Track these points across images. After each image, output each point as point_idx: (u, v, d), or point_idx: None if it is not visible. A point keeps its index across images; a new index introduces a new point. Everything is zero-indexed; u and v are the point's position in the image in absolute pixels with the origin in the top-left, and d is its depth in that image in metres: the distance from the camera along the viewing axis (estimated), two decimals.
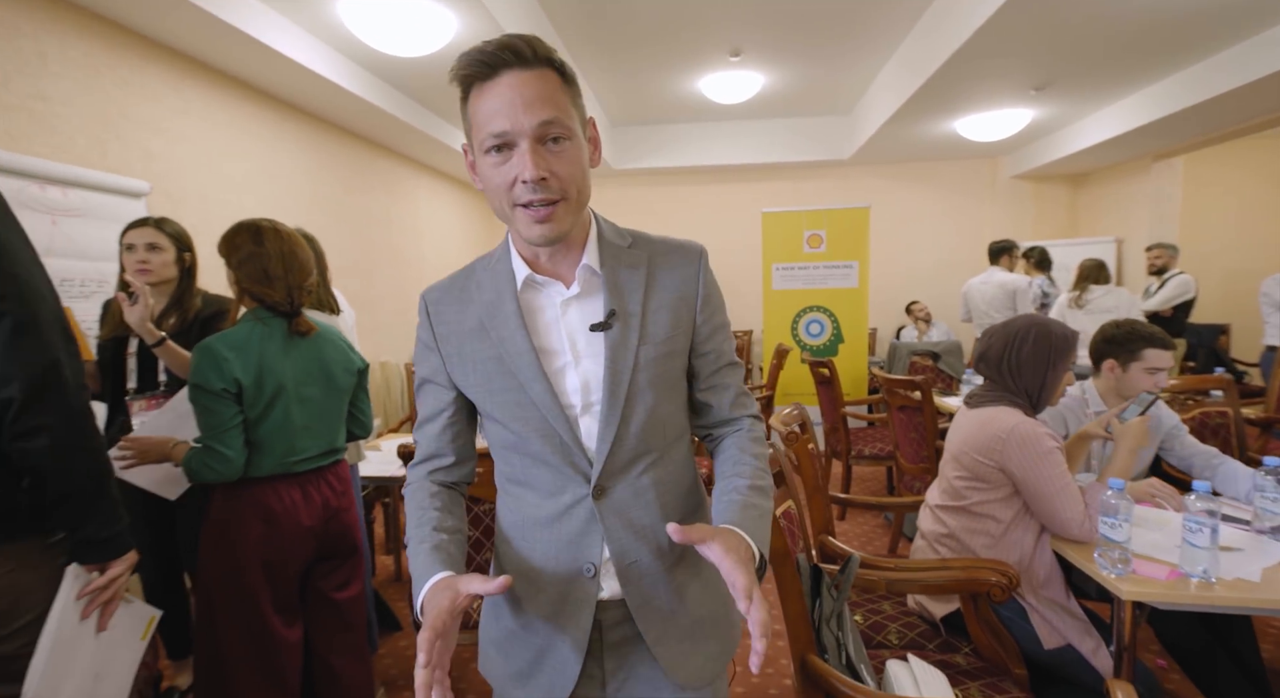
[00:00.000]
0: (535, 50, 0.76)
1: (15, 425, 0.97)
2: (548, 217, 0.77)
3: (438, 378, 0.91)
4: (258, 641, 1.51)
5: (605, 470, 0.84)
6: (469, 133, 0.80)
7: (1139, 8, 3.10)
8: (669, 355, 0.87)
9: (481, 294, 0.87)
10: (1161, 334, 1.96)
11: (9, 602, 1.03)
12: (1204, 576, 1.39)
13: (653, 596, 0.87)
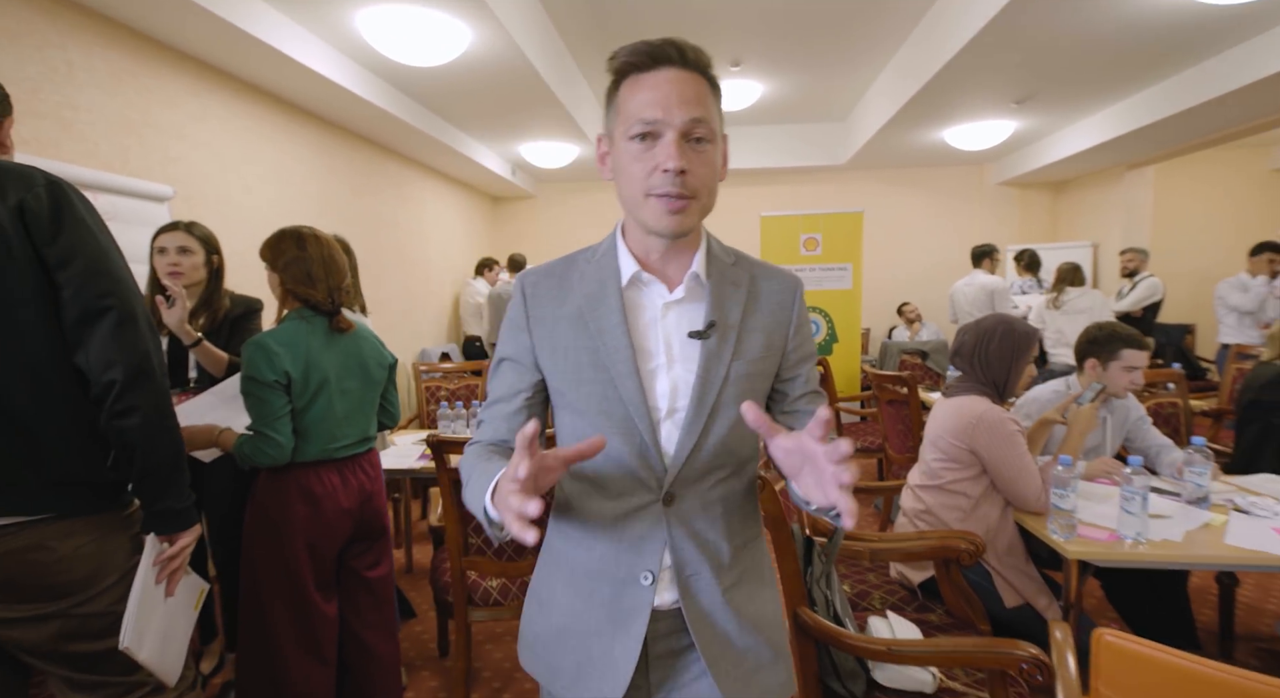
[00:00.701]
0: (697, 56, 0.79)
1: (115, 405, 1.12)
2: (680, 209, 0.78)
3: (523, 358, 0.89)
4: (300, 614, 1.67)
5: (679, 478, 0.84)
6: (612, 120, 0.82)
7: (1110, 31, 3.31)
8: (757, 375, 0.87)
9: (584, 285, 0.87)
10: (1138, 336, 2.16)
11: (97, 565, 1.17)
12: (1137, 537, 1.59)
13: (710, 612, 0.86)
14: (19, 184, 1.06)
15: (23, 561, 1.08)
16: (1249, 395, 2.25)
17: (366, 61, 3.72)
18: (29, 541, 1.08)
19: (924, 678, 1.44)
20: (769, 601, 0.93)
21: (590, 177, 7.33)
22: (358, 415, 1.75)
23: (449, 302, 6.49)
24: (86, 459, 1.14)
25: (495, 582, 2.01)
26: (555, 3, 3.82)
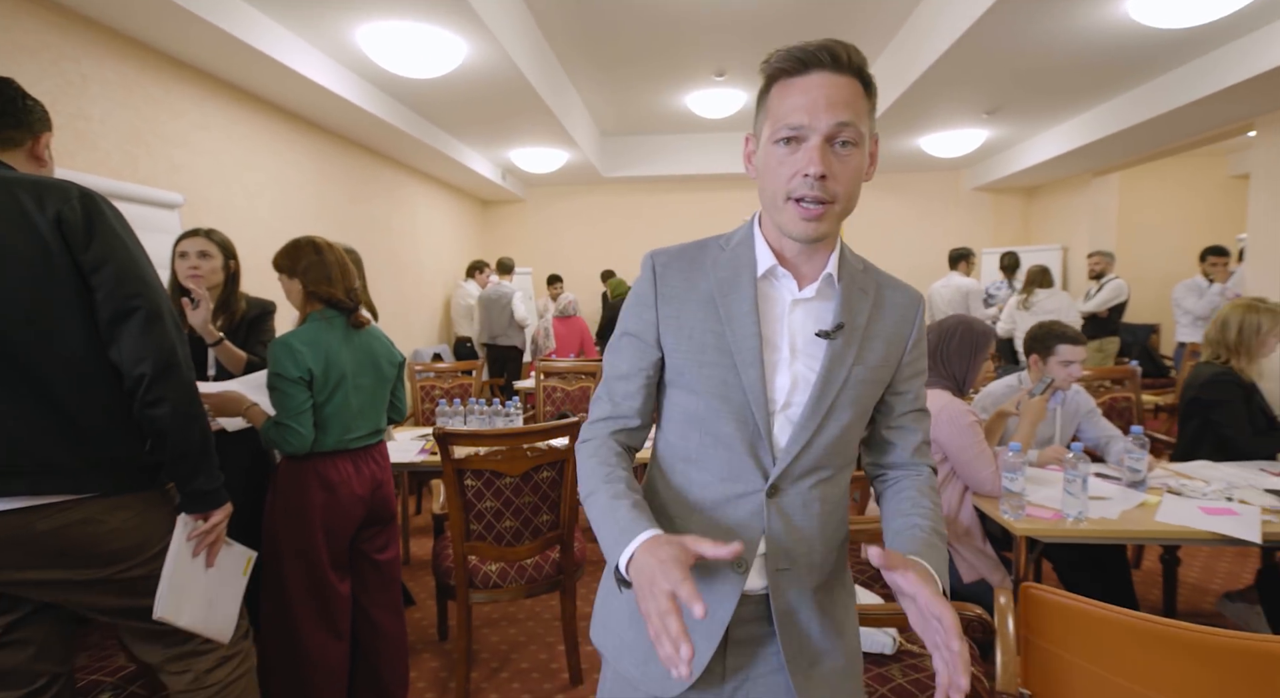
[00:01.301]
0: (850, 57, 0.78)
1: (146, 396, 1.25)
2: (817, 216, 0.79)
3: (646, 335, 0.90)
4: (317, 590, 1.80)
5: (786, 472, 0.85)
6: (761, 121, 0.83)
7: (1069, 50, 3.52)
8: (872, 383, 0.88)
9: (717, 270, 0.88)
10: (1074, 333, 2.35)
11: (144, 536, 1.31)
12: (1078, 516, 1.78)
13: (796, 608, 0.87)
14: (56, 197, 1.19)
15: (77, 532, 1.21)
16: (1189, 393, 2.45)
17: (365, 72, 3.85)
18: (80, 515, 1.22)
19: (884, 640, 1.61)
20: (849, 607, 0.94)
21: (579, 180, 7.48)
22: (370, 409, 1.89)
23: (440, 303, 6.60)
24: (126, 443, 1.28)
25: (494, 566, 2.15)
26: (546, 15, 3.97)
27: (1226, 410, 2.33)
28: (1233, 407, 2.33)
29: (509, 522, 2.19)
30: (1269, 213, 4.01)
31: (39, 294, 1.16)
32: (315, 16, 3.08)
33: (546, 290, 6.75)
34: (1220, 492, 2.00)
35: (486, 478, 2.07)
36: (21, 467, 1.14)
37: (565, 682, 2.26)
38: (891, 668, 1.57)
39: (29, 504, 1.15)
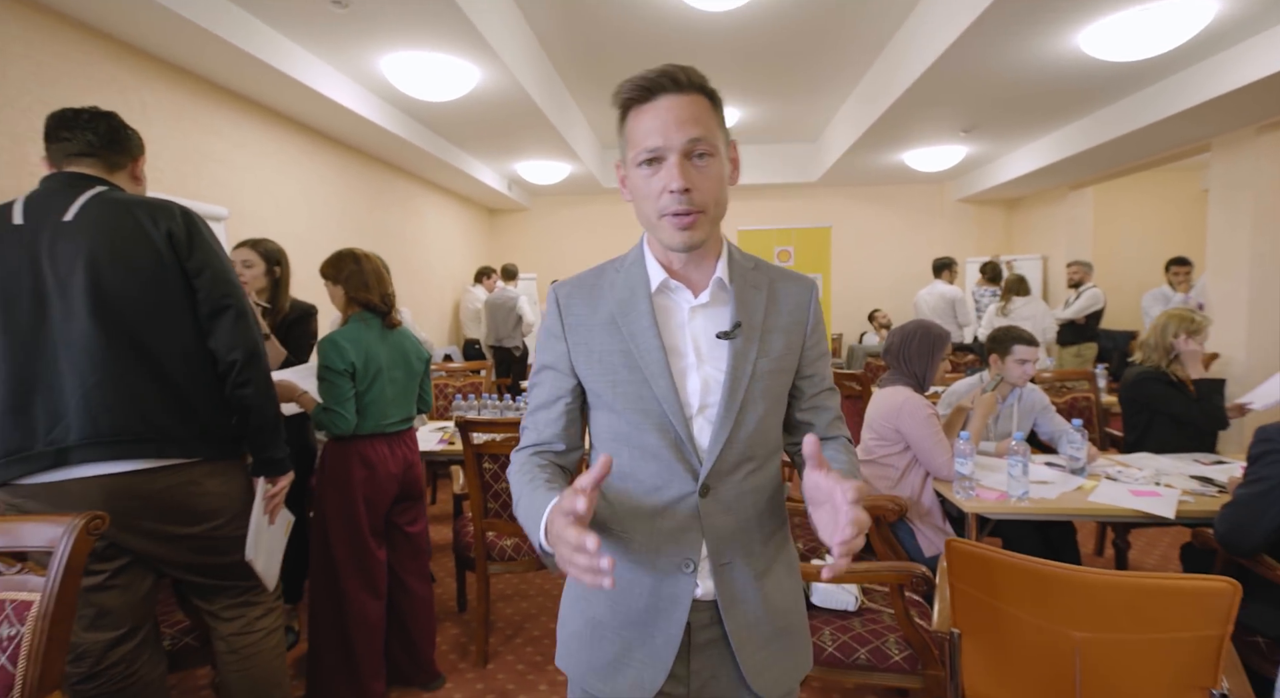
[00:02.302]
0: (689, 77, 0.84)
1: (237, 378, 1.52)
2: (689, 225, 0.84)
3: (560, 365, 0.95)
4: (359, 555, 2.08)
5: (714, 471, 0.88)
6: (624, 149, 0.89)
7: (1033, 76, 3.81)
8: (779, 372, 0.93)
9: (615, 292, 0.92)
10: (1028, 335, 2.63)
11: (228, 501, 1.58)
12: (1021, 497, 2.05)
13: (742, 599, 0.91)
14: (165, 216, 1.47)
15: (184, 491, 1.48)
16: (1126, 393, 2.72)
17: (386, 95, 4.14)
18: (186, 478, 1.49)
19: (847, 598, 1.88)
20: (793, 588, 0.98)
21: (581, 191, 7.77)
22: (402, 399, 2.17)
23: (449, 307, 6.88)
24: (220, 418, 1.55)
25: (510, 541, 2.42)
26: (550, 38, 4.26)
27: (1161, 400, 2.60)
28: (1163, 395, 2.59)
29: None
30: (1226, 226, 4.31)
31: (156, 295, 1.44)
32: (345, 47, 3.38)
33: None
34: (1150, 477, 2.28)
35: (502, 461, 2.34)
36: (149, 435, 1.42)
37: None
38: (853, 621, 1.84)
39: (152, 466, 1.43)
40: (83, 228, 1.39)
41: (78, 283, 1.37)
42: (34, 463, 1.35)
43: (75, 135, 1.48)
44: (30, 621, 1.15)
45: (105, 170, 1.52)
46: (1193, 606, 1.21)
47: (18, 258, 1.37)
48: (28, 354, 1.37)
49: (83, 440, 1.35)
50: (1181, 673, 1.26)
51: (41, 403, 1.37)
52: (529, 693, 2.24)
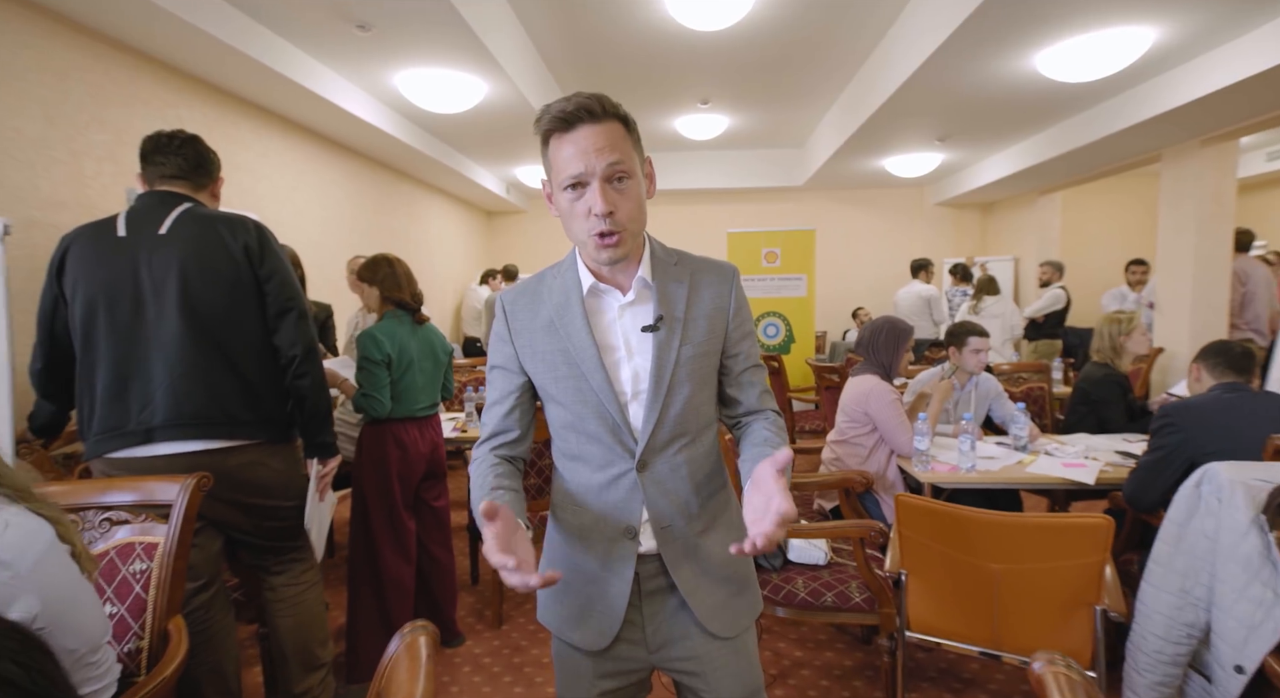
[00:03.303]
0: (604, 107, 0.92)
1: (297, 370, 1.78)
2: (613, 243, 0.93)
3: (509, 366, 1.06)
4: (393, 525, 2.36)
5: (648, 448, 0.99)
6: (549, 173, 0.97)
7: (1000, 91, 4.13)
8: (704, 355, 1.02)
9: (552, 297, 1.03)
10: (981, 328, 2.95)
11: (287, 479, 1.85)
12: (969, 469, 2.37)
13: (685, 554, 1.02)
14: (241, 230, 1.74)
15: (249, 471, 1.74)
16: (1082, 386, 3.04)
17: (397, 107, 4.42)
18: (254, 456, 1.75)
19: (818, 554, 2.19)
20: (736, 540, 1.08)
21: None
22: (430, 387, 2.46)
23: (450, 306, 7.15)
24: (280, 405, 1.82)
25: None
26: (552, 54, 4.54)
27: (1110, 407, 2.94)
28: (1114, 403, 2.94)
29: (532, 479, 2.76)
30: (1172, 230, 4.67)
31: (233, 299, 1.71)
32: (364, 65, 3.66)
33: None
34: (1080, 452, 2.61)
35: None
36: (221, 418, 1.68)
37: None
38: (822, 572, 2.15)
39: (226, 445, 1.69)
40: (175, 240, 1.66)
41: (170, 288, 1.63)
42: (127, 439, 1.61)
43: (169, 159, 1.75)
44: (157, 557, 1.44)
45: (191, 190, 1.79)
46: (1079, 539, 1.53)
47: (121, 266, 1.63)
48: (126, 348, 1.62)
49: (166, 422, 1.61)
50: (1073, 593, 1.58)
51: (135, 389, 1.62)
52: (540, 648, 2.53)
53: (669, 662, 1.06)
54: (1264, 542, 1.31)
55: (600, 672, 1.06)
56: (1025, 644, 1.68)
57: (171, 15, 2.55)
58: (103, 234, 1.65)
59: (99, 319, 1.61)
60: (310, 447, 1.88)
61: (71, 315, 1.64)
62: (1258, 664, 1.27)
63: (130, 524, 1.47)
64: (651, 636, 1.05)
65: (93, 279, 1.61)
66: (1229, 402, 2.01)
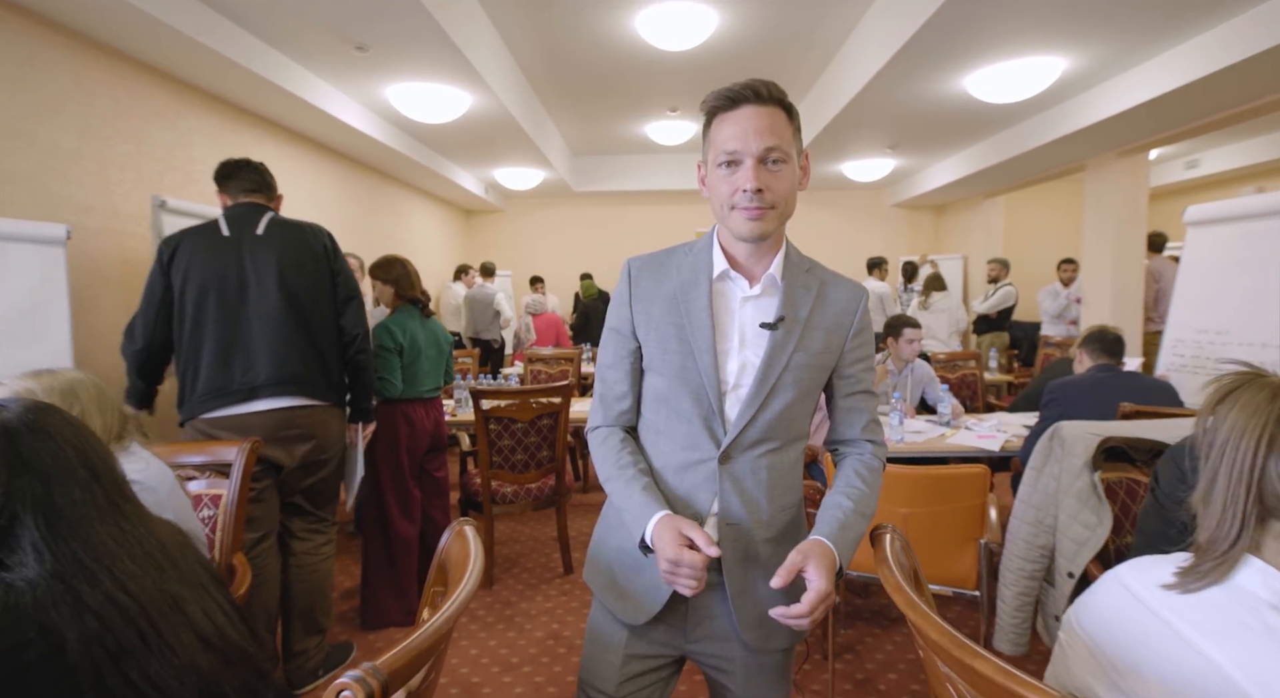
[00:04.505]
0: (770, 92, 0.93)
1: (356, 347, 2.18)
2: (759, 215, 0.92)
3: (624, 329, 1.06)
4: (400, 491, 2.69)
5: (735, 443, 0.98)
6: (707, 150, 0.99)
7: (937, 108, 4.57)
8: (815, 367, 1.00)
9: (681, 272, 1.03)
10: (914, 320, 3.37)
11: (339, 437, 2.22)
12: (897, 441, 2.78)
13: (743, 558, 1.00)
14: (319, 233, 2.16)
15: (319, 426, 2.12)
16: (1046, 376, 3.35)
17: (387, 115, 4.70)
18: (322, 417, 2.13)
19: None
20: None
21: (553, 194, 8.37)
22: (434, 372, 2.79)
23: (432, 303, 7.41)
24: (340, 376, 2.21)
25: (510, 488, 3.06)
26: (531, 67, 4.85)
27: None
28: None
29: (520, 455, 3.11)
30: (1095, 233, 5.19)
31: (315, 286, 2.10)
32: (359, 80, 3.95)
33: (530, 289, 7.63)
34: (993, 426, 3.06)
35: (504, 423, 2.97)
36: (309, 379, 2.07)
37: (560, 571, 3.18)
38: None
39: (304, 404, 2.07)
40: (271, 239, 2.05)
41: (270, 276, 2.01)
42: (231, 397, 1.98)
43: (247, 177, 2.14)
44: (221, 506, 1.76)
45: (265, 201, 2.18)
46: (964, 485, 1.95)
47: (228, 258, 2.00)
48: (232, 323, 1.99)
49: (268, 381, 2.00)
50: (963, 530, 2.00)
51: (238, 357, 1.99)
52: (528, 603, 2.88)
53: (703, 656, 1.06)
54: (1091, 480, 1.73)
55: (633, 649, 1.06)
56: (929, 573, 2.09)
57: (189, 39, 2.82)
58: (209, 234, 2.02)
59: (209, 300, 1.97)
60: (356, 412, 2.29)
61: (181, 299, 1.98)
62: (1082, 570, 1.70)
63: (199, 480, 1.79)
64: (693, 627, 1.05)
65: (205, 268, 1.97)
66: (1100, 379, 2.46)
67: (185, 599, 0.82)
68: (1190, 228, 3.36)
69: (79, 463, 0.82)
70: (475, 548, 1.08)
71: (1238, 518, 0.72)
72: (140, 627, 0.75)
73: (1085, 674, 0.80)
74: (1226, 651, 0.66)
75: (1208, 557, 0.73)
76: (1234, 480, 0.72)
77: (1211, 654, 0.67)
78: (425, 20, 3.05)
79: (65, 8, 2.50)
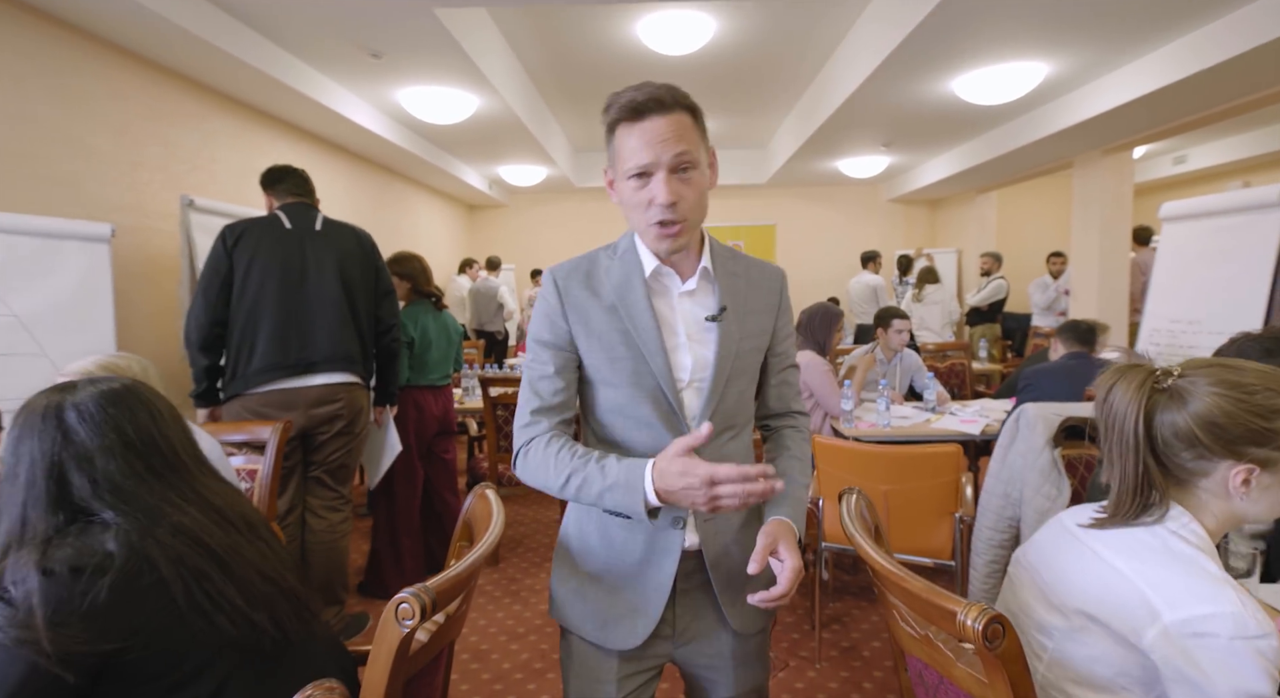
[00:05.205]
0: (675, 97, 0.92)
1: (389, 335, 2.41)
2: (674, 233, 0.94)
3: (560, 342, 1.01)
4: (408, 471, 2.86)
5: None
6: (614, 160, 0.97)
7: (928, 109, 4.71)
8: (756, 351, 1.03)
9: (611, 277, 1.00)
10: (902, 311, 3.54)
11: (367, 414, 2.43)
12: (885, 425, 2.95)
13: (726, 550, 1.01)
14: (362, 233, 2.39)
15: (355, 402, 2.34)
16: (1025, 364, 3.52)
17: (397, 116, 4.86)
18: (359, 394, 2.35)
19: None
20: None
21: (555, 189, 8.52)
22: (444, 361, 2.96)
23: None
24: (372, 359, 2.43)
25: None
26: (536, 69, 5.00)
27: None
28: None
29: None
30: (1082, 227, 5.34)
31: (363, 277, 2.33)
32: (373, 84, 4.12)
33: (531, 283, 7.80)
34: (976, 412, 3.23)
35: (511, 409, 3.15)
36: (355, 357, 2.30)
37: None
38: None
39: (348, 380, 2.29)
40: (329, 234, 2.30)
41: (329, 265, 2.24)
42: (288, 371, 2.19)
43: (293, 181, 2.37)
44: (257, 480, 1.94)
45: (311, 202, 2.40)
46: (939, 463, 2.12)
47: (292, 247, 2.23)
48: (290, 304, 2.20)
49: (325, 358, 2.23)
50: (938, 504, 2.17)
51: (293, 335, 2.20)
52: (532, 579, 3.06)
53: (692, 657, 1.06)
54: (1052, 457, 1.90)
55: (625, 671, 1.03)
56: (909, 545, 2.26)
57: (215, 47, 2.97)
58: (273, 226, 2.25)
59: (271, 283, 2.19)
60: (382, 394, 2.51)
61: (244, 281, 2.18)
62: None
63: (236, 456, 1.97)
64: (681, 632, 1.04)
65: (270, 254, 2.20)
66: (1072, 367, 2.62)
67: (242, 545, 1.00)
68: (1165, 223, 3.52)
69: (157, 433, 0.99)
70: (497, 506, 1.26)
71: (1133, 482, 0.89)
72: (212, 558, 0.94)
73: (1028, 597, 0.99)
74: (1132, 563, 0.85)
75: (1117, 514, 0.90)
76: (1124, 452, 0.89)
77: (1120, 567, 0.85)
78: (437, 29, 3.21)
79: (102, 19, 2.66)
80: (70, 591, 0.82)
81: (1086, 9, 3.13)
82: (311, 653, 1.03)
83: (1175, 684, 0.78)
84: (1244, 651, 0.73)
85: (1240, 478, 0.83)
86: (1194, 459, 0.86)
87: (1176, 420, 0.86)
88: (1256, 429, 0.82)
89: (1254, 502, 0.85)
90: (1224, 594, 0.76)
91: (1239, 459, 0.83)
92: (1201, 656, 0.75)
